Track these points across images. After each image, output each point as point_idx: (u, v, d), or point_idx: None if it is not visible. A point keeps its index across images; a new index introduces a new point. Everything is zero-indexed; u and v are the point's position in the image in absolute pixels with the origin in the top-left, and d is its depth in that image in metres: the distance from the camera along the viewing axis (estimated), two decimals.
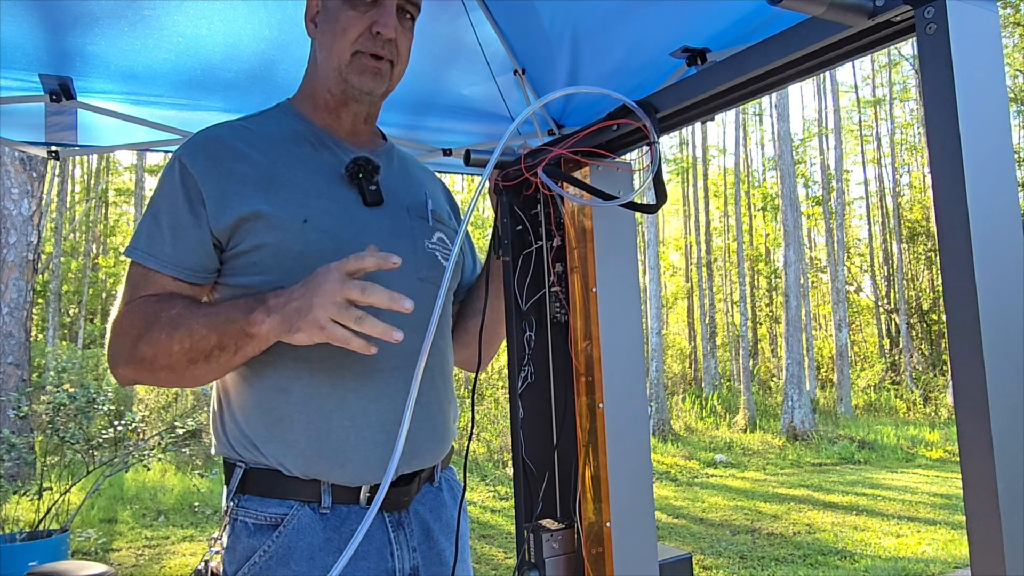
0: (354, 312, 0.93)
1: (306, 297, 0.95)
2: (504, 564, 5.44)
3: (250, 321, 1.00)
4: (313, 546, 1.08)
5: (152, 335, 1.05)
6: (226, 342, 1.02)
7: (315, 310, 0.93)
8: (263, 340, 1.01)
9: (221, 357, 1.03)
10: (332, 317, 0.93)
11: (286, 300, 0.98)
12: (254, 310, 1.00)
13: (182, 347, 1.03)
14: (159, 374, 1.07)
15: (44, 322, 17.15)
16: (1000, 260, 0.59)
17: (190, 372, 1.05)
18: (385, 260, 0.95)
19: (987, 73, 0.61)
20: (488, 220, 16.22)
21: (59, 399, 5.70)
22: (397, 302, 0.92)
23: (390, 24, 1.16)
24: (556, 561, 0.97)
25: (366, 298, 0.92)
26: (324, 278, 0.95)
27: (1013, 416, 0.58)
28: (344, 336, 0.94)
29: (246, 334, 1.00)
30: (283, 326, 0.97)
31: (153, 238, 1.11)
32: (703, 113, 0.89)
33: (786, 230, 13.66)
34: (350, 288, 0.92)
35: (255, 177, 1.12)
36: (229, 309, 1.03)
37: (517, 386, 1.00)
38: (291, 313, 0.96)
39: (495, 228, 1.08)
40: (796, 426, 12.63)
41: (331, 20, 1.17)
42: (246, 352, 1.03)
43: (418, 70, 2.25)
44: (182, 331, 1.03)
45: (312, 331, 0.94)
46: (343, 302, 0.92)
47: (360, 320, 0.93)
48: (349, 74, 1.18)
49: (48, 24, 1.82)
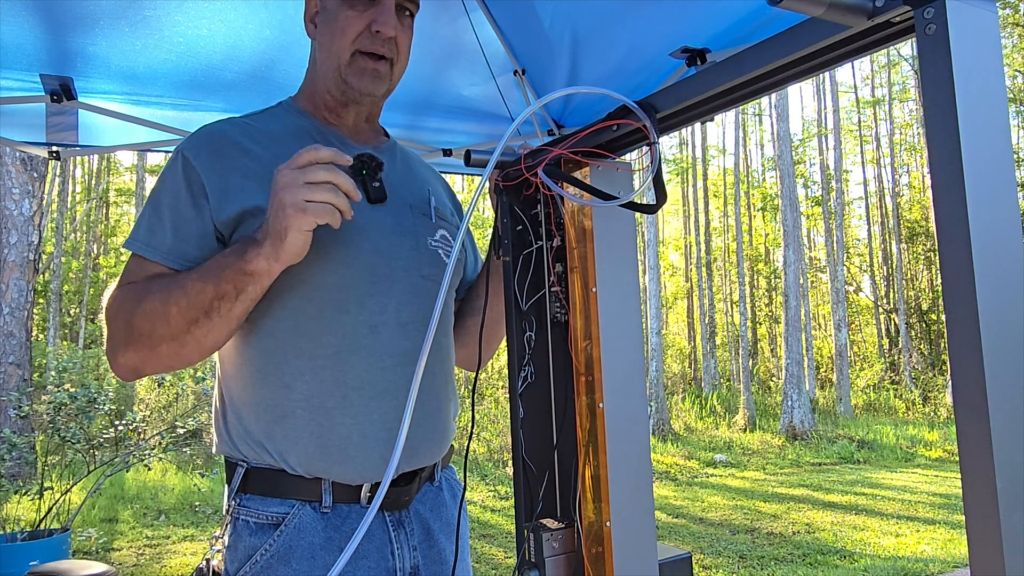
0: (323, 189, 0.95)
1: (274, 200, 0.96)
2: (504, 564, 5.44)
3: (245, 259, 0.98)
4: (314, 545, 1.08)
5: (146, 306, 1.03)
6: (224, 288, 1.00)
7: (286, 206, 0.94)
8: (263, 273, 0.99)
9: (222, 307, 1.01)
10: (305, 198, 0.94)
11: (264, 221, 0.99)
12: (246, 248, 0.99)
13: (179, 308, 1.01)
14: (160, 348, 1.04)
15: (45, 322, 17.16)
16: (1000, 260, 0.59)
17: (192, 335, 1.03)
18: (338, 156, 0.98)
19: (986, 73, 0.61)
20: (488, 220, 16.21)
21: (60, 399, 5.69)
22: (339, 156, 0.98)
23: (390, 23, 1.15)
24: (556, 560, 0.98)
25: (319, 160, 0.96)
26: (279, 176, 0.97)
27: (1013, 416, 0.58)
28: (326, 209, 0.96)
29: (244, 272, 0.99)
30: (275, 244, 0.97)
31: (153, 230, 1.10)
32: (703, 113, 0.90)
33: (786, 230, 13.66)
34: (302, 165, 0.96)
35: (258, 172, 1.12)
36: (220, 258, 1.02)
37: (517, 386, 1.01)
38: (274, 226, 0.96)
39: (495, 228, 1.08)
40: (795, 426, 12.63)
41: (330, 20, 1.17)
42: (247, 294, 1.01)
43: (418, 70, 2.25)
44: (176, 292, 1.02)
45: (297, 218, 0.94)
46: (305, 185, 0.95)
47: (334, 192, 0.96)
48: (349, 76, 1.18)
49: (49, 24, 1.82)
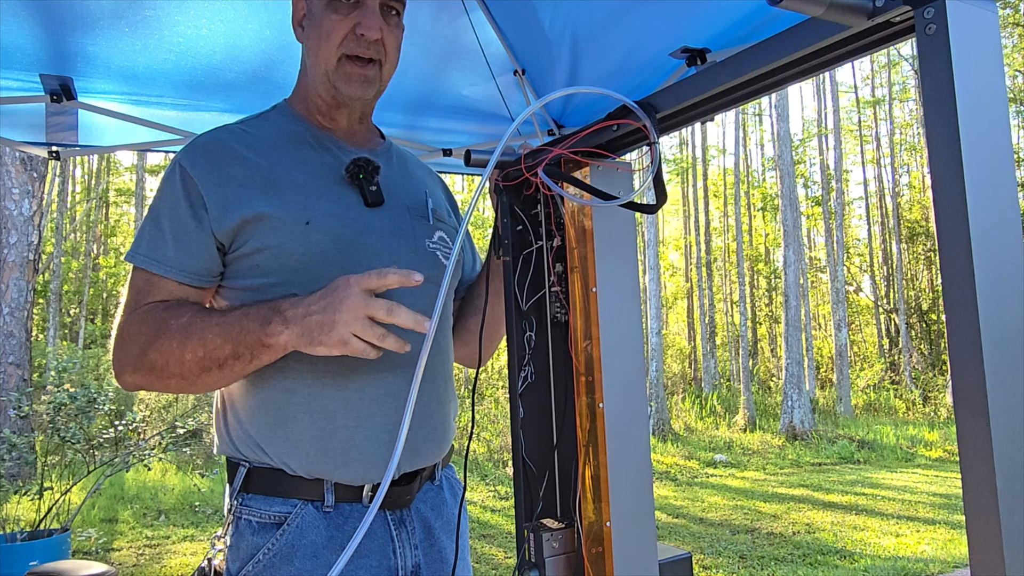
0: (378, 329, 0.94)
1: (328, 312, 0.95)
2: (504, 564, 5.44)
3: (267, 332, 1.00)
4: (316, 544, 1.08)
5: (162, 343, 1.05)
6: (241, 351, 1.02)
7: (338, 327, 0.94)
8: (280, 349, 1.01)
9: (236, 366, 1.04)
10: (355, 333, 0.94)
11: (304, 312, 0.97)
12: (271, 321, 1.00)
13: (195, 356, 1.03)
14: (168, 381, 1.07)
15: (45, 322, 17.15)
16: (1000, 260, 0.59)
17: (202, 380, 1.06)
18: (407, 277, 0.95)
19: (987, 73, 0.61)
20: (488, 220, 16.21)
21: (60, 399, 5.69)
22: (421, 324, 0.94)
23: (374, 24, 1.14)
24: (556, 560, 0.98)
25: (391, 318, 0.94)
26: (346, 293, 0.95)
27: (1013, 416, 0.58)
28: (365, 349, 0.95)
29: (263, 344, 1.01)
30: (304, 339, 0.97)
31: (155, 243, 1.11)
32: (703, 113, 0.90)
33: (786, 230, 13.66)
34: (375, 307, 0.94)
35: (256, 180, 1.12)
36: (242, 319, 1.03)
37: (517, 386, 1.01)
38: (312, 326, 0.96)
39: (495, 228, 1.08)
40: (796, 426, 12.63)
41: (315, 25, 1.16)
42: (261, 360, 1.03)
43: (418, 70, 2.26)
44: (195, 341, 1.03)
45: (334, 346, 0.95)
46: (366, 319, 0.94)
47: (383, 337, 0.95)
48: (337, 80, 1.17)
49: (49, 24, 1.82)
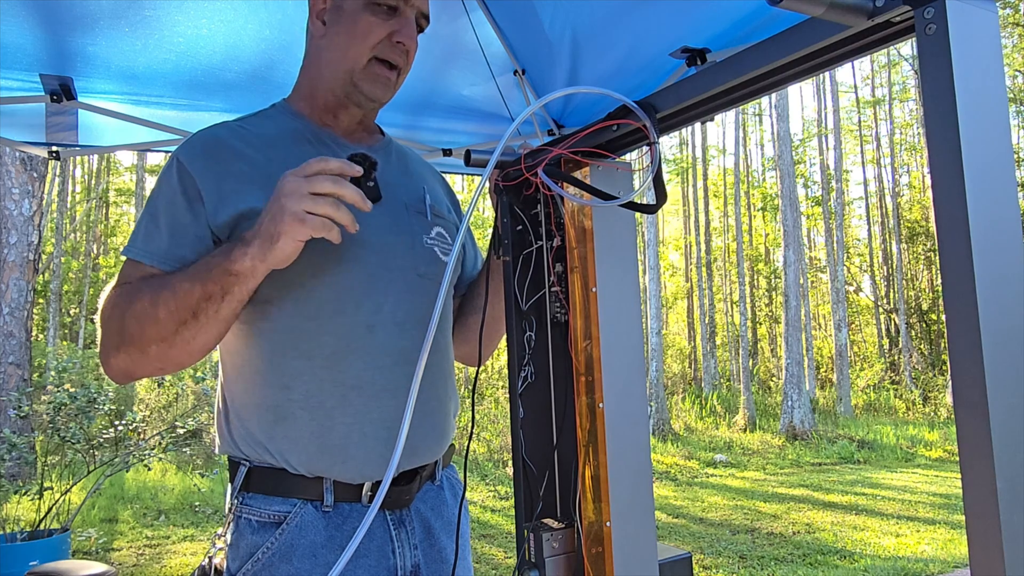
0: (329, 201, 0.94)
1: (275, 204, 0.95)
2: (504, 564, 5.44)
3: (231, 259, 0.98)
4: (315, 543, 1.08)
5: (136, 307, 1.04)
6: (211, 288, 1.00)
7: (287, 210, 0.93)
8: (248, 274, 0.99)
9: (209, 308, 1.01)
10: (307, 209, 0.93)
11: (258, 223, 0.98)
12: (233, 249, 0.99)
13: (167, 309, 1.01)
14: (150, 350, 1.04)
15: (45, 322, 17.16)
16: (1000, 260, 0.59)
17: (180, 336, 1.03)
18: (347, 167, 0.96)
19: (987, 73, 0.61)
20: (488, 220, 16.21)
21: (60, 399, 5.69)
22: (349, 168, 0.96)
23: (412, 35, 1.17)
24: (556, 560, 0.98)
25: (336, 189, 0.94)
26: (283, 181, 0.96)
27: (1013, 416, 0.58)
28: (323, 223, 0.94)
29: (229, 272, 0.99)
30: (264, 244, 0.96)
31: (150, 236, 1.11)
32: (703, 113, 0.90)
33: (786, 230, 13.66)
34: (316, 182, 0.94)
35: (253, 175, 1.13)
36: (207, 258, 1.03)
37: (517, 386, 1.01)
38: (266, 227, 0.96)
39: (495, 228, 1.08)
40: (796, 426, 12.63)
41: (349, 22, 1.17)
42: (234, 296, 1.01)
43: (418, 70, 2.25)
44: (165, 293, 1.02)
45: (292, 230, 0.93)
46: (312, 195, 0.94)
47: (336, 206, 0.94)
48: (361, 80, 1.18)
49: (49, 24, 1.82)
